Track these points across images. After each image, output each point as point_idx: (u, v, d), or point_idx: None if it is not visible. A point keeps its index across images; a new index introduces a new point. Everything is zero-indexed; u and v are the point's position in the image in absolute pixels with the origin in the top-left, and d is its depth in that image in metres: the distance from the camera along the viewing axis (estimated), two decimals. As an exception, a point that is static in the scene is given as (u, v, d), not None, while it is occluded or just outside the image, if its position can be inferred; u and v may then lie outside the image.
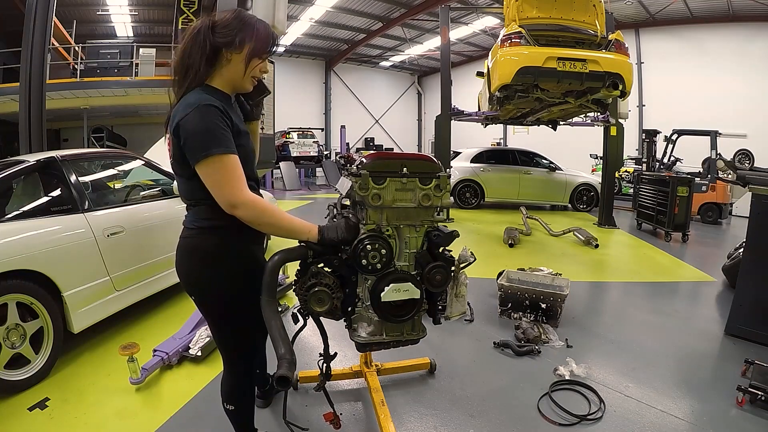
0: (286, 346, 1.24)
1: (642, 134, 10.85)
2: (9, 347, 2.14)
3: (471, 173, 9.23)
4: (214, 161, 1.23)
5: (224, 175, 1.24)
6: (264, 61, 1.43)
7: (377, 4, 13.21)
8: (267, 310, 1.31)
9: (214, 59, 1.34)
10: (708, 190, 8.21)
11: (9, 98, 9.37)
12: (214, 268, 1.37)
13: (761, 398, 2.10)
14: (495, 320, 3.24)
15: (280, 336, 1.25)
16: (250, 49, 1.36)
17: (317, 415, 1.95)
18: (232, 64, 1.36)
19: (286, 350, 1.22)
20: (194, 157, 1.24)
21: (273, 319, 1.29)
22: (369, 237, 1.44)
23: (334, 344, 1.59)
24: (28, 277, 2.19)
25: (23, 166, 2.59)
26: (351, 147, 19.11)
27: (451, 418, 2.06)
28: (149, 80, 11.84)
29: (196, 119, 1.23)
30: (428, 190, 1.53)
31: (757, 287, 2.88)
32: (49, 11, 4.91)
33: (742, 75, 11.22)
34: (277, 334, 1.25)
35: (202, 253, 1.36)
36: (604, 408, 2.12)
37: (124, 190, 3.39)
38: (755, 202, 2.93)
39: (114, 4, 12.78)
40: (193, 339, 2.57)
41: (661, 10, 11.99)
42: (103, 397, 2.16)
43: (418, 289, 1.50)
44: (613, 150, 7.55)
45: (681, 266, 5.14)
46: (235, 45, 1.33)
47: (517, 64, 4.95)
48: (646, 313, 3.51)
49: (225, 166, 1.24)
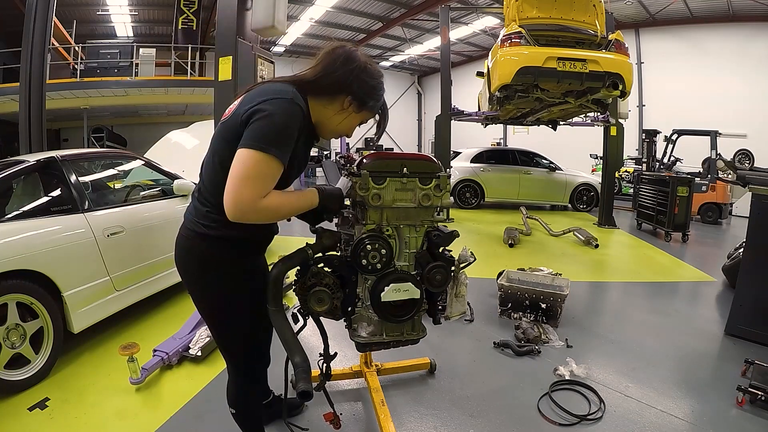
0: (302, 356, 1.23)
1: (642, 134, 10.83)
2: (9, 347, 2.14)
3: (471, 173, 9.23)
4: (261, 156, 1.09)
5: (257, 175, 1.09)
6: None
7: (377, 4, 13.19)
8: (276, 320, 1.30)
9: (334, 94, 1.29)
10: (708, 190, 8.21)
11: (9, 98, 9.38)
12: (210, 272, 1.30)
13: (761, 398, 2.10)
14: (495, 320, 3.24)
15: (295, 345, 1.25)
16: (368, 117, 1.37)
17: (317, 415, 1.95)
18: (340, 114, 1.32)
19: (301, 359, 1.22)
20: (251, 142, 1.10)
21: (284, 329, 1.28)
22: (369, 237, 1.44)
23: (334, 344, 1.59)
24: (28, 277, 2.18)
25: (23, 166, 2.59)
26: (351, 147, 19.10)
27: (451, 418, 2.06)
28: (149, 80, 11.86)
29: (282, 110, 1.13)
30: (428, 190, 1.53)
31: (757, 287, 2.88)
32: (49, 11, 4.91)
33: (742, 75, 11.20)
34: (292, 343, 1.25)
35: (200, 257, 1.30)
36: (604, 408, 2.12)
37: (124, 190, 3.40)
38: (755, 202, 2.93)
39: (114, 4, 12.78)
40: (193, 339, 2.57)
41: (661, 10, 11.97)
42: (103, 397, 2.16)
43: (418, 289, 1.50)
44: (613, 150, 7.55)
45: (681, 266, 5.14)
46: (364, 105, 1.32)
47: (517, 64, 4.95)
48: (646, 313, 3.50)
49: (258, 166, 1.09)
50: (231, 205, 1.10)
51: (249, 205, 1.10)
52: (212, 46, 9.26)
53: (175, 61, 12.61)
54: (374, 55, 19.12)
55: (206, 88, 11.74)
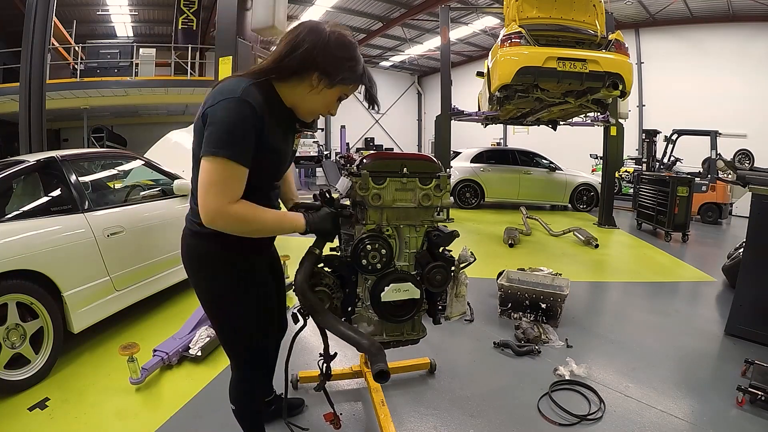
0: (368, 339, 1.23)
1: (642, 134, 10.83)
2: (9, 347, 2.14)
3: (471, 173, 9.24)
4: (216, 162, 1.10)
5: (214, 179, 1.10)
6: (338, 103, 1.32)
7: (377, 4, 13.20)
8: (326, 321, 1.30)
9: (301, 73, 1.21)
10: (708, 190, 8.20)
11: (9, 98, 9.38)
12: (206, 269, 1.32)
13: (761, 398, 2.10)
14: (495, 320, 3.24)
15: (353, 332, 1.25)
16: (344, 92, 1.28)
17: (317, 415, 1.95)
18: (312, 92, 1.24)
19: (369, 343, 1.22)
20: (204, 149, 1.12)
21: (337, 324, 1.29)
22: (369, 237, 1.44)
23: (334, 344, 1.58)
24: (28, 277, 2.18)
25: (23, 166, 2.59)
26: (351, 147, 19.10)
27: (451, 418, 2.06)
28: (149, 80, 11.86)
29: (228, 112, 1.12)
30: (428, 190, 1.53)
31: (757, 287, 2.88)
32: (49, 11, 4.91)
33: (742, 75, 11.20)
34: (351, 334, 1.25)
35: (196, 254, 1.32)
36: (604, 408, 2.12)
37: (124, 190, 3.39)
38: (755, 202, 2.93)
39: (114, 4, 12.79)
40: (193, 339, 2.57)
41: (661, 10, 11.97)
42: (103, 397, 2.16)
43: (418, 289, 1.50)
44: (613, 150, 7.55)
45: (681, 266, 5.14)
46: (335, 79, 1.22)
47: (517, 64, 4.95)
48: (646, 313, 3.50)
49: (217, 172, 1.10)
50: (201, 212, 1.13)
51: (215, 211, 1.11)
52: (212, 46, 9.26)
53: (175, 61, 12.61)
54: (374, 55, 19.13)
55: (206, 88, 11.65)
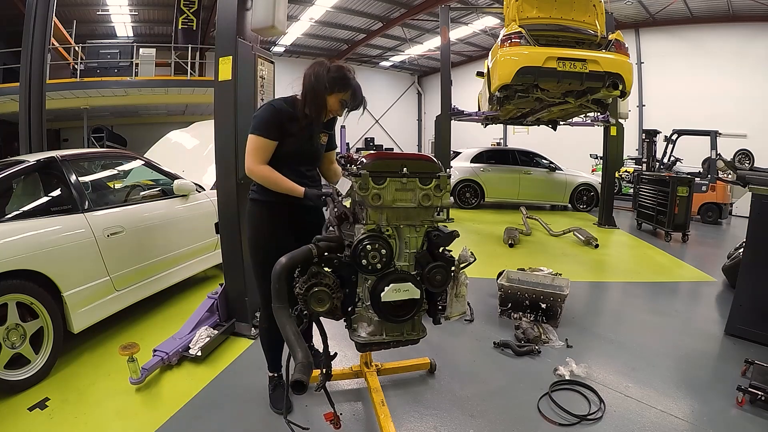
0: (304, 352, 1.26)
1: (642, 134, 10.82)
2: (9, 347, 2.14)
3: (471, 173, 9.24)
4: (252, 137, 1.80)
5: (250, 148, 1.80)
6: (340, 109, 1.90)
7: (377, 4, 13.19)
8: (280, 316, 1.33)
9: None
10: (708, 190, 8.21)
11: (9, 98, 9.37)
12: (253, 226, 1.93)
13: (761, 398, 2.10)
14: (495, 320, 3.24)
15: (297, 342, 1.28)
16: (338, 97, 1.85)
17: (317, 415, 1.95)
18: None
19: (303, 355, 1.24)
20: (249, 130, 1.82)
21: (287, 325, 1.31)
22: (369, 237, 1.44)
23: (334, 344, 1.59)
24: (28, 277, 2.18)
25: (23, 166, 2.59)
26: (351, 147, 19.10)
27: (451, 418, 2.06)
28: (149, 80, 11.85)
29: (260, 110, 1.88)
30: (428, 190, 1.53)
31: (757, 287, 2.88)
32: (49, 11, 4.89)
33: (742, 75, 11.20)
34: (293, 339, 1.28)
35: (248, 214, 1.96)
36: (604, 408, 2.12)
37: (124, 190, 3.39)
38: (755, 202, 2.93)
39: (114, 4, 12.78)
40: (193, 339, 2.57)
41: (661, 10, 11.97)
42: (103, 397, 2.16)
43: (418, 289, 1.50)
44: (613, 150, 7.55)
45: (681, 266, 5.14)
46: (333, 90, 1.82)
47: (517, 64, 4.94)
48: (646, 313, 3.50)
49: (252, 143, 1.80)
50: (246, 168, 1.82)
51: (248, 167, 1.81)
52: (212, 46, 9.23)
53: (175, 61, 12.60)
54: (374, 55, 19.16)
55: (206, 88, 11.73)
